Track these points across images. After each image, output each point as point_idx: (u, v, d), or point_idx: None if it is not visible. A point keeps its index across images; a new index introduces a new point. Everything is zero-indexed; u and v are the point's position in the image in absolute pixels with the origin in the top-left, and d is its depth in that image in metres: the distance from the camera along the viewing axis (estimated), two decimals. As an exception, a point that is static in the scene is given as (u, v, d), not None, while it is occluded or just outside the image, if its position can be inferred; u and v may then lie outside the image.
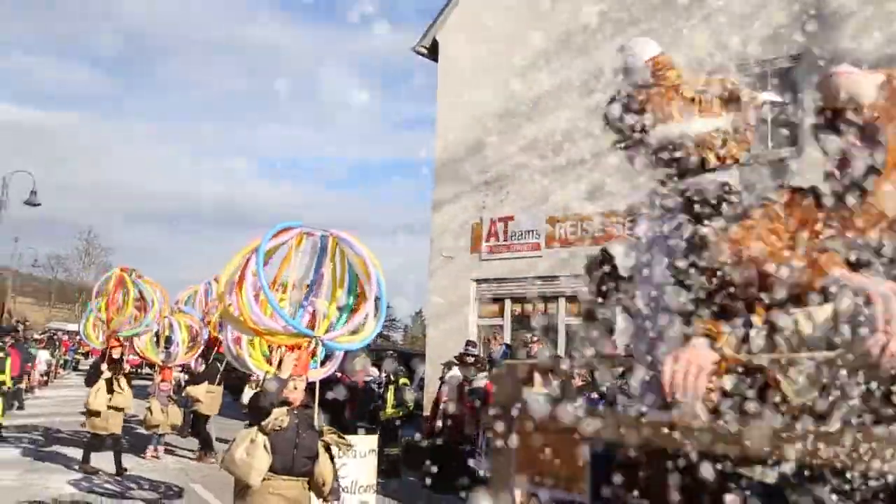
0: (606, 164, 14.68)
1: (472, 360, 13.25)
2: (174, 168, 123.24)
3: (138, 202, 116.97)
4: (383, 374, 15.26)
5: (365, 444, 7.24)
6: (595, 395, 9.13)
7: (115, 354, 12.58)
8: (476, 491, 1.80)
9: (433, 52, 17.84)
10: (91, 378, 12.48)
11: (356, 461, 6.73)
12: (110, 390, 12.15)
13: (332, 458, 6.03)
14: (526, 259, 15.63)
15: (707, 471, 1.56)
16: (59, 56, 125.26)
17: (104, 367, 12.35)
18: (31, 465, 12.83)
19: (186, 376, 16.08)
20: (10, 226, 55.30)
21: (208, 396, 14.35)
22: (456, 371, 12.80)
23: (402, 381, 14.72)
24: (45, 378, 29.65)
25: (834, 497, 1.58)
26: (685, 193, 2.39)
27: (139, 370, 25.79)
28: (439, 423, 12.79)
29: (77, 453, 13.96)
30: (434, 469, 12.59)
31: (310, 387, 6.33)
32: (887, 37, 11.58)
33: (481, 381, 12.02)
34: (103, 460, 12.28)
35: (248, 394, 13.44)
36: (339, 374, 10.75)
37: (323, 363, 7.40)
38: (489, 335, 15.32)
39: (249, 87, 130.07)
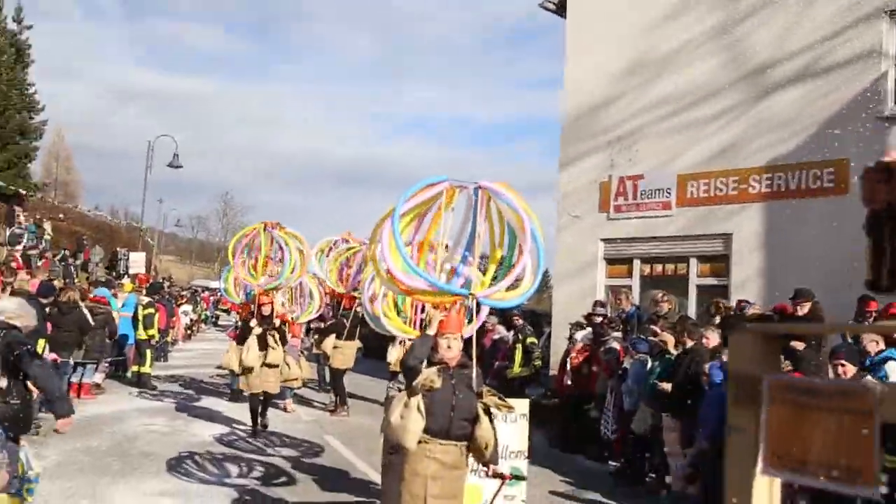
0: (741, 120, 14.13)
1: (599, 319, 13.12)
2: (308, 129, 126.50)
3: (274, 163, 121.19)
4: (511, 333, 15.31)
5: (516, 407, 6.79)
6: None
7: (265, 311, 12.05)
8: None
9: (561, 7, 17.48)
10: (242, 335, 12.08)
11: (507, 425, 6.27)
12: (263, 347, 11.73)
13: (491, 421, 5.65)
14: (656, 218, 15.25)
15: None
16: (201, 23, 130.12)
17: (254, 323, 11.90)
18: (177, 413, 13.60)
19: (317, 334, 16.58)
20: (155, 188, 58.44)
21: (336, 351, 14.69)
22: (587, 331, 12.70)
23: (529, 340, 14.74)
24: (189, 332, 31.26)
25: None
26: None
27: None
28: (568, 383, 12.76)
29: (217, 404, 14.69)
30: (561, 428, 12.60)
31: (467, 346, 5.92)
32: None
33: (614, 341, 11.90)
34: (245, 412, 12.73)
35: (391, 353, 13.77)
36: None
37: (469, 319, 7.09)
38: (617, 295, 15.08)
39: (381, 48, 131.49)
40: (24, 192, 36.81)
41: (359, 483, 9.23)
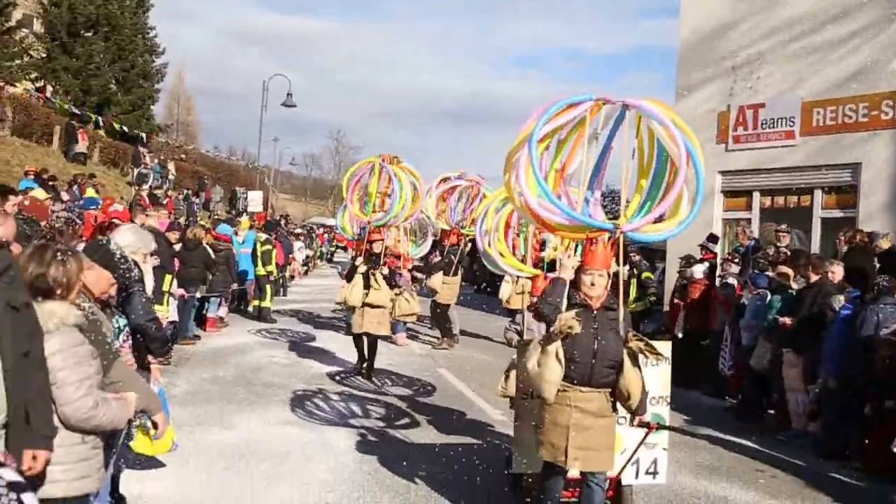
0: (873, 42, 13.28)
1: (703, 254, 12.80)
2: (420, 66, 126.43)
3: (386, 101, 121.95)
4: (625, 268, 15.12)
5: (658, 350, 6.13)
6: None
7: (376, 248, 11.42)
8: None
9: (677, -72, 16.71)
10: (349, 273, 11.61)
11: (648, 370, 5.62)
12: (367, 286, 11.15)
13: (639, 367, 5.16)
14: (777, 148, 14.63)
15: None
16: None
17: (359, 261, 11.40)
18: (297, 346, 14.07)
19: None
20: (270, 127, 59.81)
21: (444, 287, 14.88)
22: (704, 265, 12.41)
23: (644, 274, 14.51)
24: (305, 268, 32.15)
25: None
26: None
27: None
28: (681, 319, 12.54)
29: (334, 338, 15.08)
30: (676, 364, 12.41)
31: (613, 286, 5.35)
32: None
33: (731, 276, 11.60)
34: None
35: (504, 290, 13.79)
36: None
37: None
38: (735, 229, 14.64)
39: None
40: (148, 134, 38.32)
41: (477, 424, 9.18)
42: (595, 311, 5.15)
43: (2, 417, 3.13)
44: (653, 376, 5.80)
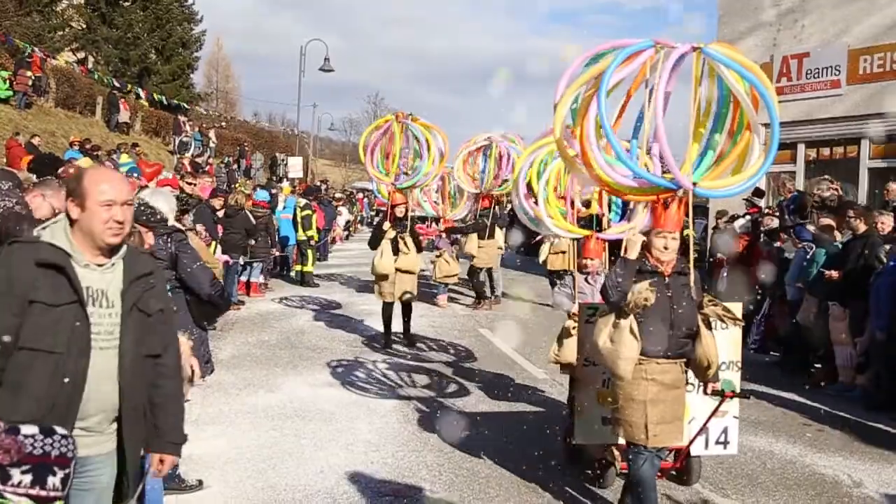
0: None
1: (748, 207, 12.63)
2: (456, 27, 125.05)
3: (422, 63, 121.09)
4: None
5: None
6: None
7: (399, 212, 10.98)
8: None
9: None
10: (374, 239, 11.18)
11: (717, 333, 5.19)
12: (396, 251, 10.76)
13: (712, 333, 4.91)
14: (823, 98, 14.29)
15: None
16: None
17: (386, 225, 10.96)
18: (339, 310, 14.24)
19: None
20: (308, 92, 59.94)
21: (480, 251, 14.73)
22: (745, 220, 12.26)
23: (686, 231, 14.34)
24: (347, 233, 32.31)
25: None
26: None
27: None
28: (723, 275, 12.42)
29: (375, 302, 15.10)
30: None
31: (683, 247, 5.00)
32: None
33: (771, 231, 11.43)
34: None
35: (543, 251, 13.73)
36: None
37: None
38: (778, 182, 14.38)
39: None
40: (188, 103, 38.61)
41: (521, 385, 9.18)
42: (668, 278, 4.84)
43: (109, 413, 3.10)
44: (722, 340, 5.42)
